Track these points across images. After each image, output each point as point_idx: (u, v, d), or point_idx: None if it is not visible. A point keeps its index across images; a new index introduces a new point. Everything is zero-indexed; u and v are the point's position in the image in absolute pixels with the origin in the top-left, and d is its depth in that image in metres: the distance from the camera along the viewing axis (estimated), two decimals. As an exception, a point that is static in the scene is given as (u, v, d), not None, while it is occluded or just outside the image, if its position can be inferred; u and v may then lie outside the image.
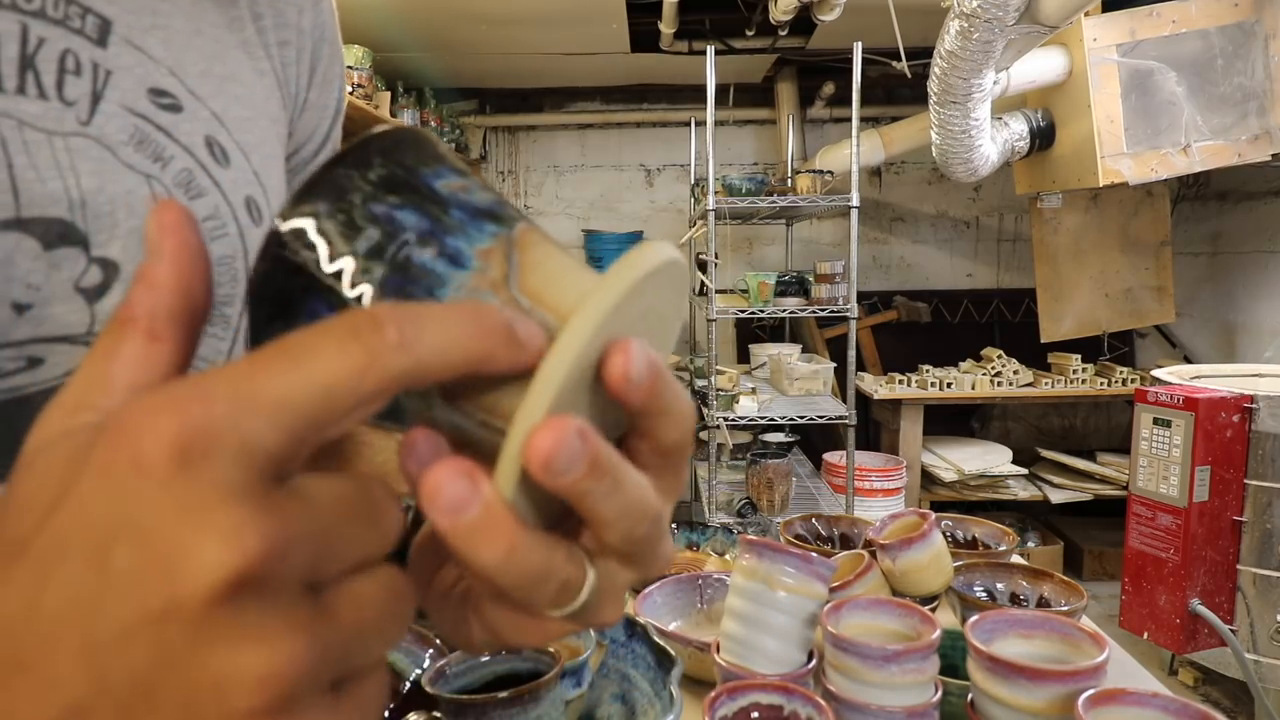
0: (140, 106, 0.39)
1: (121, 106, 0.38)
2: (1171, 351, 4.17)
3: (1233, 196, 3.83)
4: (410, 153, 0.27)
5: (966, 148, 3.01)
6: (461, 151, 4.50)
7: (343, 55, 0.55)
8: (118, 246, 0.37)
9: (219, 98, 0.43)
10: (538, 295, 0.26)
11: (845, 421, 2.88)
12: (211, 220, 0.42)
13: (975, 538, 1.26)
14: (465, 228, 0.26)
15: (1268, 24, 2.92)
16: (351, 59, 3.10)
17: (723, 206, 2.88)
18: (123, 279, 0.38)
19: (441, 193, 0.27)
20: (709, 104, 2.83)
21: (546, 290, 0.26)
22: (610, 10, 3.28)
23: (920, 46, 2.98)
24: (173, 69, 0.41)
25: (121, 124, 0.38)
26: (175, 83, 0.41)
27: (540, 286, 0.26)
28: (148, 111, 0.39)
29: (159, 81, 0.40)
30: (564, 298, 0.26)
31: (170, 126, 0.40)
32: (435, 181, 0.27)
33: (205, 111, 0.42)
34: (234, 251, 0.43)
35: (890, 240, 4.76)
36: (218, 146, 0.42)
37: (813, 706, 0.77)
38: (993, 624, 0.84)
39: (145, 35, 0.40)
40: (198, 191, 0.41)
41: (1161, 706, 0.73)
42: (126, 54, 0.39)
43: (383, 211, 0.26)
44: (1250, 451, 2.34)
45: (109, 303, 0.37)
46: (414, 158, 0.27)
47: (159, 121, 0.40)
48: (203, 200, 0.41)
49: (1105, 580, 3.63)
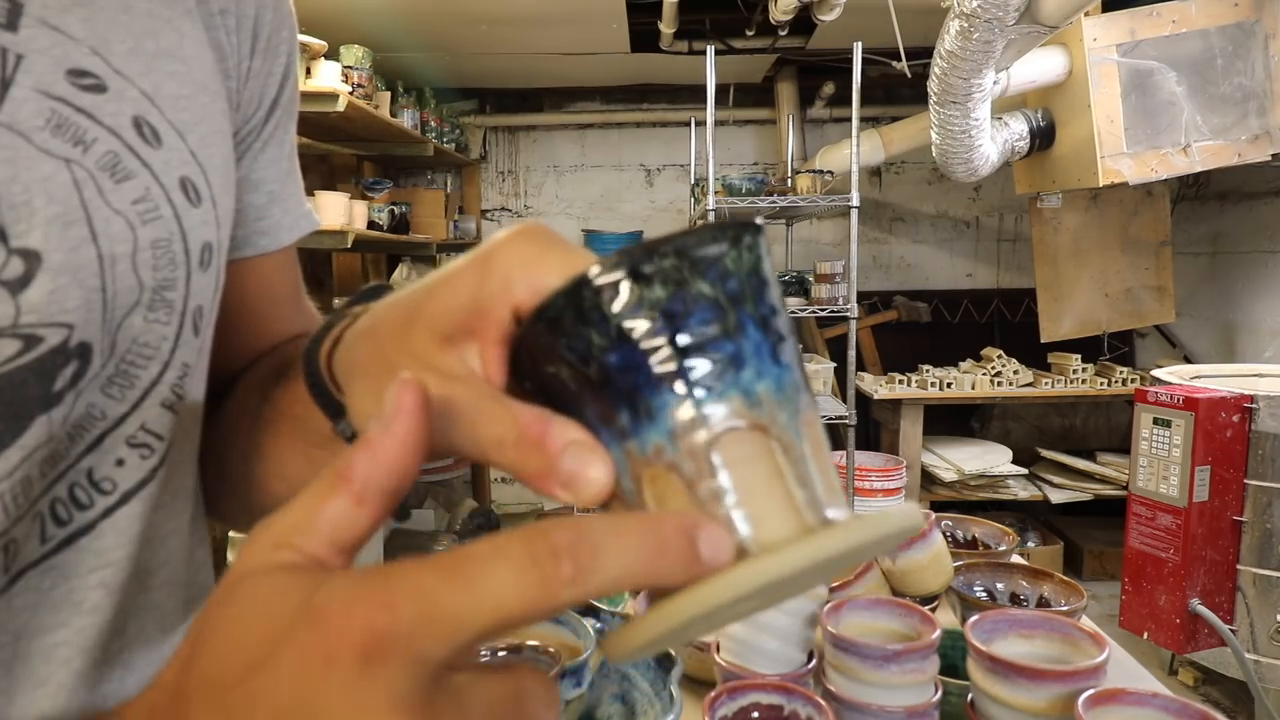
0: (58, 89, 0.37)
1: (36, 91, 0.37)
2: (1171, 351, 4.17)
3: (1233, 196, 3.82)
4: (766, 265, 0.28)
5: (966, 148, 3.00)
6: (461, 151, 4.50)
7: (292, 19, 0.53)
8: (38, 235, 0.36)
9: (150, 75, 0.41)
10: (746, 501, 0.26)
11: (845, 421, 2.88)
12: (142, 203, 0.40)
13: (975, 538, 1.26)
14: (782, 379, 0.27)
15: (1268, 24, 2.92)
16: (351, 59, 3.10)
17: (723, 206, 2.88)
18: (46, 268, 0.36)
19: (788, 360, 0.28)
20: (709, 104, 2.83)
21: (755, 500, 0.26)
22: (610, 10, 3.28)
23: (920, 46, 2.98)
24: (95, 48, 0.39)
25: (36, 108, 0.36)
26: (98, 62, 0.39)
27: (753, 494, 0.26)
28: (66, 94, 0.38)
29: (79, 62, 0.38)
30: (778, 516, 0.26)
31: (92, 108, 0.39)
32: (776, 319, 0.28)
33: (134, 91, 0.40)
34: (169, 234, 0.41)
35: (890, 240, 4.76)
36: (148, 126, 0.41)
37: (813, 706, 0.77)
38: (993, 624, 0.84)
39: (63, 15, 0.38)
40: (125, 174, 0.39)
41: (1161, 706, 0.73)
42: (41, 35, 0.37)
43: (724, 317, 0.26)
44: (1250, 451, 2.34)
45: (33, 293, 0.36)
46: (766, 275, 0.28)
47: (79, 103, 0.38)
48: (131, 183, 0.40)
49: (1105, 580, 3.63)
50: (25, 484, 0.37)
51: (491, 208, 4.91)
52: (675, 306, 0.26)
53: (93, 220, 0.38)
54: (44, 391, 0.37)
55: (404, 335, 0.30)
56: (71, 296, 0.37)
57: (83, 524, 0.40)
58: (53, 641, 0.40)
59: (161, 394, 0.42)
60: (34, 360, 0.36)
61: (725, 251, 0.27)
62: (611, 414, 0.26)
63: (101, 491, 0.41)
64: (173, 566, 0.47)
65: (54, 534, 0.39)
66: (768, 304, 0.27)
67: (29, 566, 0.39)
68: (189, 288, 0.43)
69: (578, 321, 0.26)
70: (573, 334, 0.26)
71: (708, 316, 0.26)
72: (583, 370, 0.27)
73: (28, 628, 0.39)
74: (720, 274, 0.26)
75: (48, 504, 0.39)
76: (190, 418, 0.46)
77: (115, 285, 0.39)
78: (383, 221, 3.61)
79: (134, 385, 0.41)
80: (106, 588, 0.41)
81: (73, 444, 0.39)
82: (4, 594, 0.38)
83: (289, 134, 0.54)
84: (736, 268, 0.27)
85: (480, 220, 4.83)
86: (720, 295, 0.26)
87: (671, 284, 0.26)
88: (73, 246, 0.37)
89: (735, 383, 0.26)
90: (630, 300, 0.26)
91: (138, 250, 0.40)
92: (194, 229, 0.43)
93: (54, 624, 0.40)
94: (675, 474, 0.26)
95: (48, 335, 0.37)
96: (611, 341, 0.26)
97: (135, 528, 0.42)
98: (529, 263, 0.28)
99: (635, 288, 0.26)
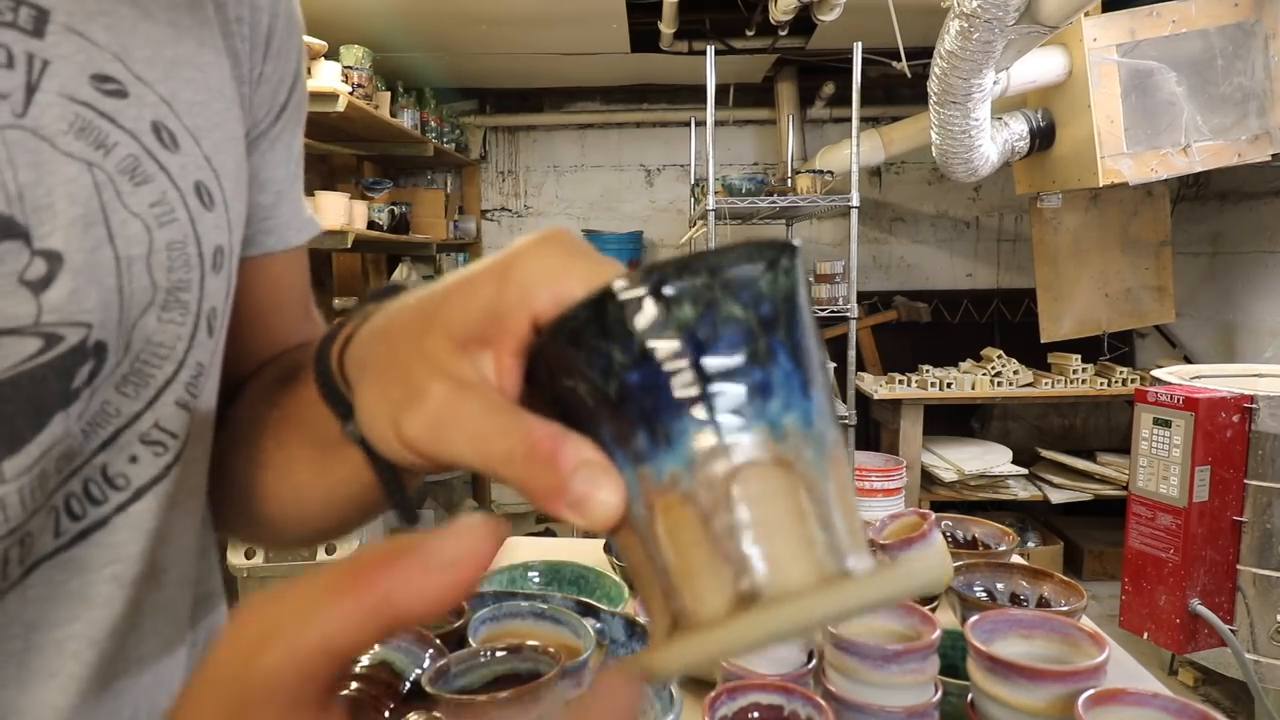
0: (82, 94, 0.38)
1: (61, 95, 0.37)
2: (1171, 351, 4.17)
3: (1233, 196, 3.82)
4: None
5: (966, 148, 3.01)
6: (461, 151, 4.50)
7: (300, 23, 0.53)
8: (60, 237, 0.37)
9: (168, 82, 0.42)
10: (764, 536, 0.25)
11: (845, 421, 2.88)
12: (159, 206, 0.41)
13: (975, 538, 1.26)
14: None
15: (1268, 24, 2.92)
16: (351, 59, 3.10)
17: (723, 206, 2.88)
18: (67, 268, 0.37)
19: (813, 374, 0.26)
20: (709, 104, 2.83)
21: (773, 540, 0.25)
22: (610, 10, 3.28)
23: (920, 46, 2.98)
24: (118, 54, 0.40)
25: (60, 113, 0.37)
26: (120, 68, 0.40)
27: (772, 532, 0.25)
28: (90, 98, 0.39)
29: (103, 67, 0.39)
30: (797, 560, 0.24)
31: (114, 112, 0.39)
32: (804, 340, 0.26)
33: (153, 96, 0.41)
34: (184, 237, 0.42)
35: (890, 240, 4.76)
36: (166, 131, 0.42)
37: (813, 706, 0.77)
38: (993, 624, 0.84)
39: (88, 22, 0.39)
40: (143, 178, 0.40)
41: (1161, 706, 0.73)
42: (67, 42, 0.38)
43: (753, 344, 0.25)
44: (1250, 451, 2.34)
45: (55, 293, 0.37)
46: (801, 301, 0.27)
47: (102, 108, 0.39)
48: (149, 186, 0.41)
49: (1105, 580, 3.64)
50: (41, 479, 0.38)
51: (491, 208, 4.91)
52: (703, 328, 0.24)
53: (110, 222, 0.39)
54: (63, 389, 0.38)
55: (418, 337, 0.30)
56: (90, 296, 0.38)
57: (97, 519, 0.41)
58: (64, 635, 0.40)
59: (176, 393, 0.43)
60: (55, 358, 0.37)
61: (760, 273, 0.25)
62: (628, 436, 0.25)
63: (115, 487, 0.41)
64: (184, 564, 0.47)
65: (68, 528, 0.40)
66: (801, 331, 0.26)
67: (43, 560, 0.39)
68: (203, 289, 0.44)
69: (599, 336, 0.25)
70: (593, 348, 0.25)
71: (737, 341, 0.25)
72: (601, 387, 0.25)
73: (40, 620, 0.39)
74: (754, 297, 0.25)
75: (62, 499, 0.40)
76: (204, 417, 0.46)
77: (131, 286, 0.40)
78: (383, 221, 3.61)
79: (148, 384, 0.42)
80: (118, 582, 0.42)
81: (87, 440, 0.40)
82: (17, 586, 0.38)
83: (296, 138, 0.55)
84: (771, 291, 0.25)
85: (480, 220, 4.84)
86: (752, 319, 0.25)
87: (701, 304, 0.24)
88: (92, 248, 0.38)
89: (762, 413, 0.25)
90: (656, 318, 0.24)
91: (153, 252, 0.41)
92: (207, 233, 0.43)
93: (66, 617, 0.40)
94: (691, 505, 0.24)
95: (68, 334, 0.37)
96: (634, 359, 0.25)
97: (148, 524, 0.43)
98: (552, 272, 0.27)
99: (663, 305, 0.24)
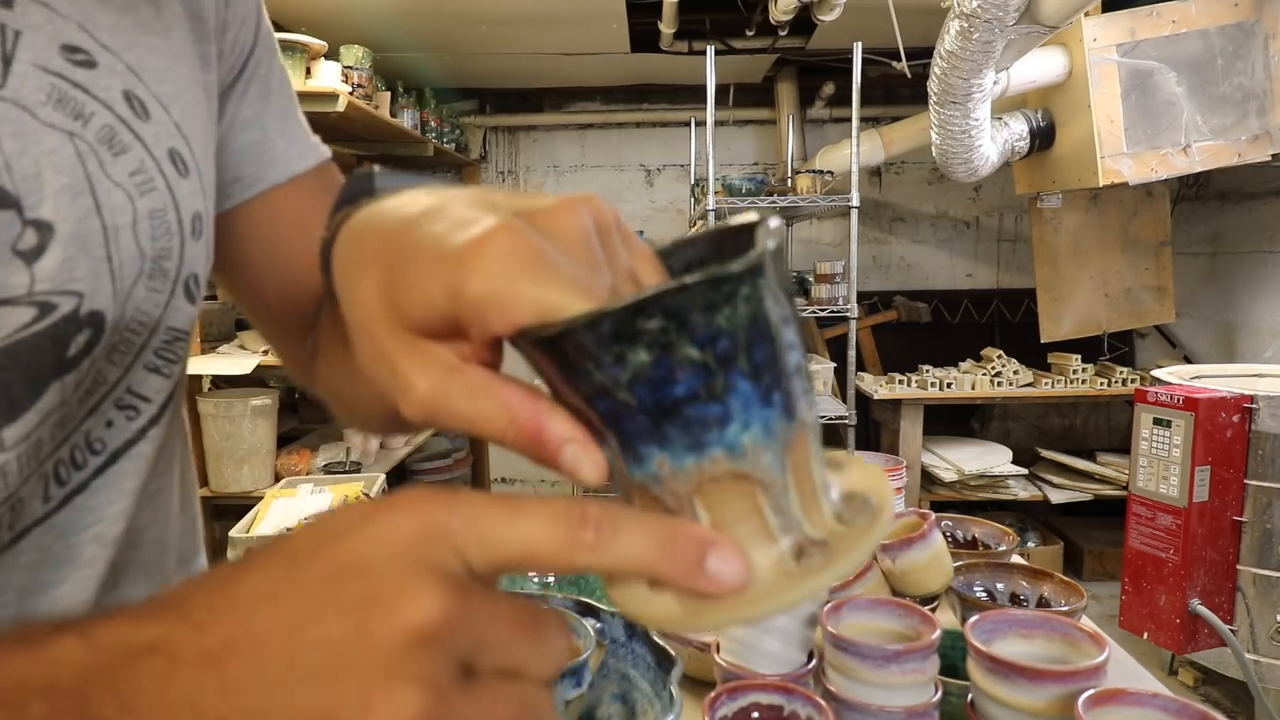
0: (54, 64, 0.38)
1: (35, 66, 0.37)
2: (1171, 351, 4.17)
3: (1233, 196, 3.82)
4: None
5: (966, 148, 3.00)
6: (461, 151, 4.50)
7: None
8: (49, 206, 0.37)
9: (133, 50, 0.42)
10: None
11: (845, 421, 2.88)
12: (138, 175, 0.41)
13: (975, 538, 1.26)
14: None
15: (1268, 24, 2.92)
16: (351, 59, 3.10)
17: (723, 207, 2.88)
18: (57, 238, 0.37)
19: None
20: (709, 104, 2.83)
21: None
22: (610, 10, 3.28)
23: (920, 46, 2.98)
24: (82, 24, 0.40)
25: (37, 83, 0.37)
26: (86, 38, 0.40)
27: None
28: (63, 69, 0.38)
29: (70, 37, 0.39)
30: (755, 555, 0.26)
31: (87, 82, 0.39)
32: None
33: (120, 65, 0.41)
34: (164, 205, 0.42)
35: (890, 240, 4.76)
36: (136, 100, 0.42)
37: (813, 706, 0.77)
38: (993, 624, 0.84)
39: None
40: (121, 147, 0.40)
41: (1161, 706, 0.73)
42: (34, 12, 0.38)
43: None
44: (1250, 451, 2.34)
45: (47, 262, 0.37)
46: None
47: (75, 78, 0.39)
48: (127, 155, 0.41)
49: (1105, 580, 3.63)
50: (36, 446, 0.38)
51: (491, 208, 4.90)
52: (658, 373, 0.24)
53: (96, 191, 0.39)
54: (58, 357, 0.38)
55: (388, 324, 0.29)
56: (80, 266, 0.38)
57: (78, 483, 0.42)
58: (53, 597, 0.41)
59: (145, 358, 0.44)
60: (48, 327, 0.38)
61: (719, 308, 0.24)
62: (603, 436, 0.26)
63: (94, 452, 0.42)
64: (160, 525, 0.48)
65: (55, 494, 0.41)
66: (764, 347, 0.25)
67: (33, 525, 0.40)
68: (183, 256, 0.44)
69: (561, 365, 0.25)
70: (558, 374, 0.26)
71: (694, 384, 0.24)
72: (571, 400, 0.26)
73: (31, 585, 0.40)
74: (711, 335, 0.24)
75: (52, 465, 0.40)
76: (177, 382, 0.47)
77: (120, 255, 0.40)
78: (383, 221, 3.60)
79: (129, 351, 0.42)
80: (100, 542, 0.43)
81: (80, 408, 0.41)
82: (9, 552, 0.39)
83: (272, 71, 0.54)
84: (731, 324, 0.24)
85: (480, 220, 4.82)
86: (710, 359, 0.24)
87: (656, 349, 0.24)
88: (80, 217, 0.38)
89: (719, 440, 0.25)
90: (609, 361, 0.24)
91: (137, 221, 0.41)
92: (184, 199, 0.44)
93: (55, 580, 0.41)
94: (660, 505, 0.26)
95: (61, 303, 0.38)
96: (594, 391, 0.25)
97: (125, 484, 0.44)
98: (503, 301, 0.25)
99: (616, 348, 0.24)
